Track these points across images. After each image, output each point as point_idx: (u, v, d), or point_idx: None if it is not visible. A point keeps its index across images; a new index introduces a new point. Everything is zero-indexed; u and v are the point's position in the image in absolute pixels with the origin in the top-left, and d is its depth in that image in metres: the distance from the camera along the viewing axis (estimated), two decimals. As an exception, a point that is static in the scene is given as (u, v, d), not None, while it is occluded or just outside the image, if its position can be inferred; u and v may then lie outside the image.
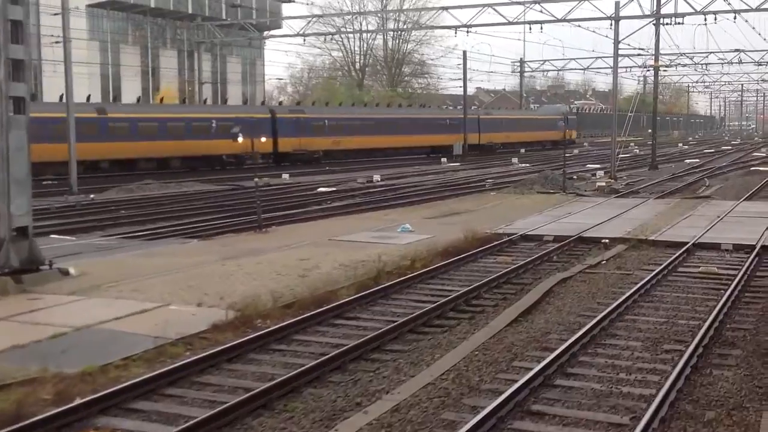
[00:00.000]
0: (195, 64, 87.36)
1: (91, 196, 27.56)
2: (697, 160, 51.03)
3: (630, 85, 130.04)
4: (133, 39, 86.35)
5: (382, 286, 12.71)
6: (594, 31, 44.05)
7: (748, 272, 14.26)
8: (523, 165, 48.17)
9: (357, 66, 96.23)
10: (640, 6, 38.88)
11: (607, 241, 17.46)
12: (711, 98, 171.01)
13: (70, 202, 25.76)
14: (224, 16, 76.19)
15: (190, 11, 78.95)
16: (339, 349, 9.30)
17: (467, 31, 45.44)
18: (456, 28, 46.38)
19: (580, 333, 9.90)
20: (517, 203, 25.03)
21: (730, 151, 67.13)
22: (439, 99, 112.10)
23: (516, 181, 31.81)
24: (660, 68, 62.02)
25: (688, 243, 16.99)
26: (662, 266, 14.58)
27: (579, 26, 44.06)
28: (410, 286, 13.11)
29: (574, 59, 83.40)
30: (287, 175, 36.56)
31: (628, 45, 45.42)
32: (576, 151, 66.03)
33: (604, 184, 30.52)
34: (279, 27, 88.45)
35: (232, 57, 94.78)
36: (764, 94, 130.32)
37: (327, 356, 8.95)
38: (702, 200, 26.04)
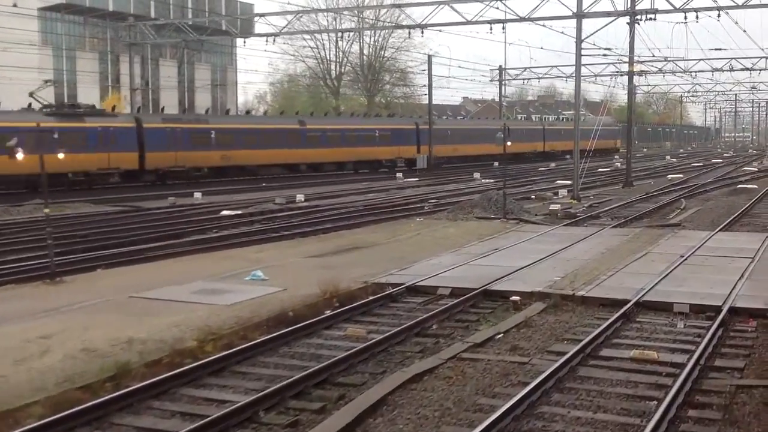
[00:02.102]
0: (159, 70, 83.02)
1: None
2: (681, 175, 46.31)
3: (621, 93, 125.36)
4: (90, 45, 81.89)
5: (110, 397, 7.96)
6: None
7: (703, 359, 9.55)
8: (486, 181, 43.43)
9: (333, 74, 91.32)
10: (612, 3, 34.25)
11: (518, 298, 12.72)
12: (705, 109, 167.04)
13: None
14: (190, 20, 71.96)
15: (152, 15, 74.43)
16: None
17: (422, 31, 41.00)
18: (410, 27, 41.89)
19: None
20: (440, 234, 20.29)
21: (719, 165, 62.45)
22: (423, 109, 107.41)
23: (457, 203, 27.06)
24: (641, 73, 57.57)
25: (629, 301, 12.28)
26: (579, 346, 9.87)
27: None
28: (163, 393, 8.33)
29: (556, 66, 79.29)
30: (200, 193, 31.77)
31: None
32: (553, 165, 61.48)
33: (558, 207, 25.80)
34: (252, 32, 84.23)
35: (200, 63, 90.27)
36: (759, 104, 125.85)
37: None
38: (669, 230, 21.31)
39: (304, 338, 10.62)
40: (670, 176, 45.30)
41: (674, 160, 73.21)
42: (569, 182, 38.80)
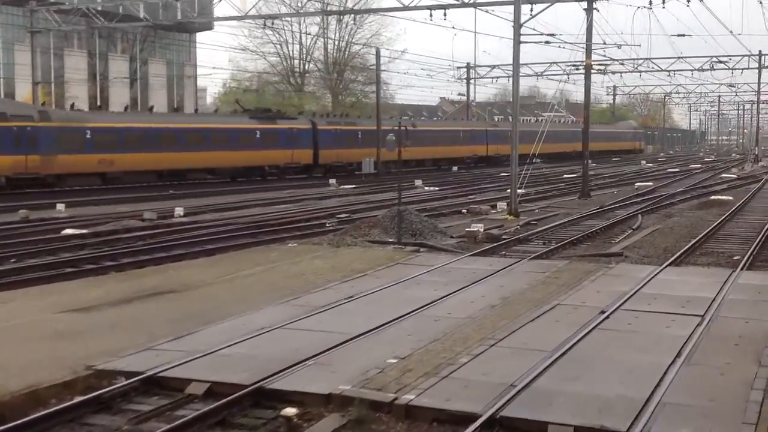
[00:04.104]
0: (109, 66, 77.51)
1: None
2: (650, 183, 41.46)
3: (605, 96, 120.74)
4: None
5: None
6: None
7: None
8: (430, 189, 38.51)
9: (297, 72, 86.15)
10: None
11: (293, 413, 7.70)
12: (690, 111, 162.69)
13: None
14: (141, 14, 66.81)
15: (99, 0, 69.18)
16: None
17: (354, 18, 36.07)
18: (340, 13, 37.00)
19: None
20: (298, 269, 15.26)
21: (697, 171, 57.71)
22: (396, 109, 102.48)
23: (357, 221, 22.07)
24: (604, 69, 52.83)
25: (478, 417, 7.34)
26: None
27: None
28: None
29: (526, 65, 74.53)
30: (63, 205, 26.49)
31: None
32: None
33: (480, 227, 20.77)
34: (210, 28, 79.24)
35: (154, 59, 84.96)
36: (743, 105, 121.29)
37: None
38: (604, 262, 16.36)
39: None
40: (637, 184, 40.43)
41: (650, 164, 68.43)
42: (522, 191, 33.89)
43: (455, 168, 57.77)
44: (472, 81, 78.72)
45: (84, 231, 20.82)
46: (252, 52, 79.12)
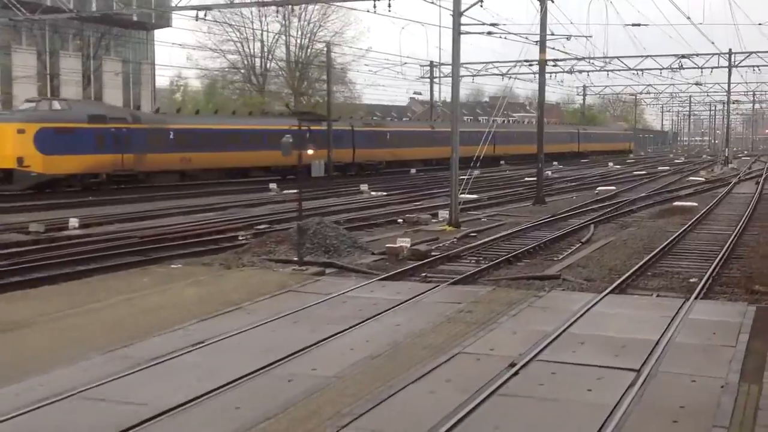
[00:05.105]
0: (60, 63, 74.06)
1: None
2: (613, 187, 39.05)
3: (572, 95, 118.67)
4: (-25, 34, 73.09)
5: None
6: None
7: None
8: (376, 194, 35.83)
9: (258, 71, 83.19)
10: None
11: None
12: (662, 111, 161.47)
13: None
14: (94, 8, 63.56)
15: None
16: None
17: (292, 8, 33.37)
18: (279, 4, 34.21)
19: None
20: (157, 301, 12.46)
21: (664, 174, 55.48)
22: (363, 109, 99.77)
23: (264, 235, 19.34)
24: (556, 63, 50.55)
25: None
26: None
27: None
28: None
29: (492, 63, 72.34)
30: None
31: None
32: (477, 172, 54.04)
33: (406, 242, 18.08)
34: (168, 25, 76.13)
35: (109, 57, 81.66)
36: (714, 106, 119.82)
37: None
38: (535, 288, 13.73)
39: None
40: (599, 188, 38.00)
41: (618, 166, 66.09)
42: (474, 196, 31.34)
43: (413, 170, 55.22)
44: (436, 80, 76.50)
45: (-54, 248, 17.89)
46: (211, 50, 76.44)
